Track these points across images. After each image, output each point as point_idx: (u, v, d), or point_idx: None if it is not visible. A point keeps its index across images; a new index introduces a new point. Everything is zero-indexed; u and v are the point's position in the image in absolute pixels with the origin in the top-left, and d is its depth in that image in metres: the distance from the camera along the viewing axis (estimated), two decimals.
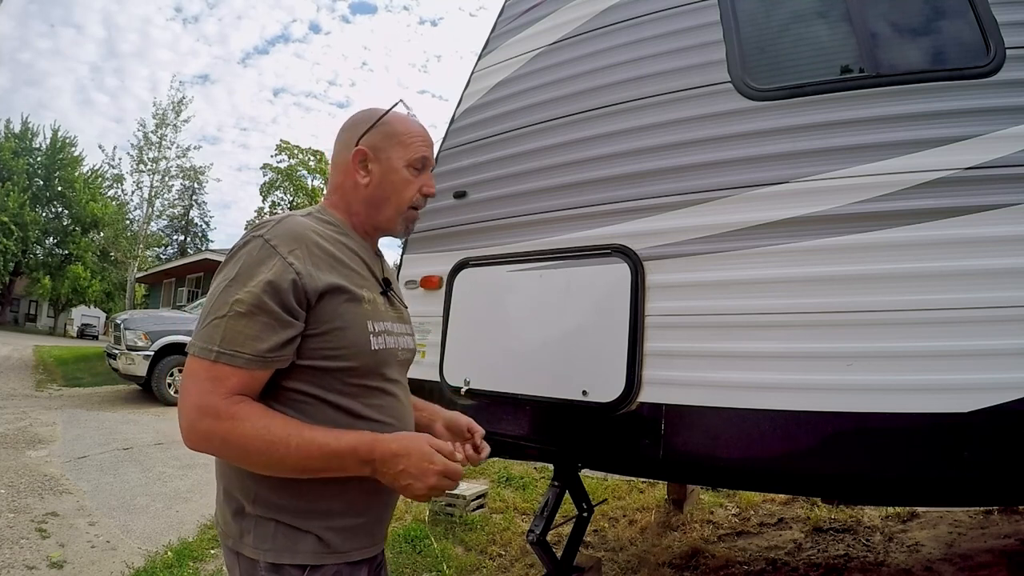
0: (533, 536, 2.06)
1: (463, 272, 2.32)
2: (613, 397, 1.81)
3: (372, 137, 1.12)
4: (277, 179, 41.33)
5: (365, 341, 1.02)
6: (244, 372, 0.91)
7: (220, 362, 0.90)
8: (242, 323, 0.90)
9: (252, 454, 0.90)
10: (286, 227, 1.00)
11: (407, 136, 1.13)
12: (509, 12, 2.53)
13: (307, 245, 0.99)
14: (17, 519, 3.61)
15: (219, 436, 0.89)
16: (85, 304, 36.56)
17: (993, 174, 1.48)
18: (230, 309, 0.91)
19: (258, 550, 0.96)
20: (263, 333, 0.91)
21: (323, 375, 0.99)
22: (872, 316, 1.53)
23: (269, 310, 0.91)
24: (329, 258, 1.01)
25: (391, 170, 1.12)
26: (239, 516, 0.99)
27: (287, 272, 0.94)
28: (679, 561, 3.12)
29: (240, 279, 0.93)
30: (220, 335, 0.90)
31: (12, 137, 32.78)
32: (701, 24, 1.97)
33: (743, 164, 1.77)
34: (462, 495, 3.84)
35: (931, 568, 2.79)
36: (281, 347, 0.93)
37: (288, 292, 0.93)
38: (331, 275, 0.99)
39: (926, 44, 1.74)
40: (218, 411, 0.89)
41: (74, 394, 9.18)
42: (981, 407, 1.39)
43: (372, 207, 1.13)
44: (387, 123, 1.13)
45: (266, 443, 0.89)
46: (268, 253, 0.95)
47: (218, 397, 0.89)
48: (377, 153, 1.12)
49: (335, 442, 0.92)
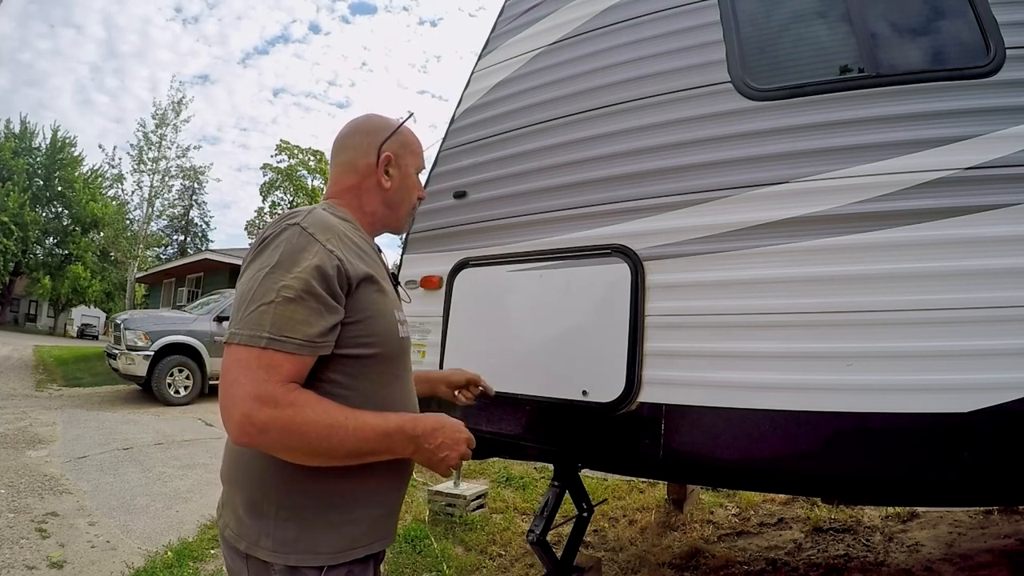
0: (533, 536, 2.06)
1: (463, 272, 2.32)
2: (613, 397, 1.81)
3: (393, 143, 1.20)
4: (277, 179, 41.34)
5: (394, 329, 1.07)
6: (296, 358, 0.90)
7: (272, 348, 0.88)
8: (291, 308, 0.90)
9: (313, 440, 0.90)
10: (318, 217, 1.02)
11: (417, 146, 1.27)
12: (509, 12, 2.53)
13: (339, 235, 1.02)
14: (17, 519, 3.61)
15: (279, 425, 0.87)
16: (85, 304, 36.55)
17: (993, 174, 1.48)
18: (277, 295, 0.90)
19: (276, 553, 0.95)
20: (312, 318, 0.91)
21: (355, 363, 1.01)
22: (872, 316, 1.53)
23: (317, 294, 0.92)
24: (356, 248, 1.05)
25: (407, 175, 1.24)
26: (258, 518, 0.98)
27: (331, 258, 0.95)
28: (679, 561, 3.12)
29: (283, 265, 0.93)
30: (269, 321, 0.89)
31: (12, 137, 32.78)
32: (701, 24, 1.97)
33: (743, 164, 1.77)
34: (462, 495, 3.84)
35: (931, 568, 2.79)
36: (328, 332, 0.94)
37: (333, 278, 0.94)
38: (362, 264, 1.02)
39: (926, 44, 1.74)
40: (277, 399, 0.87)
41: (74, 394, 9.18)
42: (981, 407, 1.39)
43: (390, 208, 1.22)
44: (404, 134, 1.24)
45: (327, 427, 0.90)
46: (308, 240, 0.96)
47: (275, 385, 0.88)
48: (398, 159, 1.21)
49: (385, 422, 0.97)
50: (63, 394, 9.09)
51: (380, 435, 0.96)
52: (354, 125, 1.24)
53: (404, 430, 1.00)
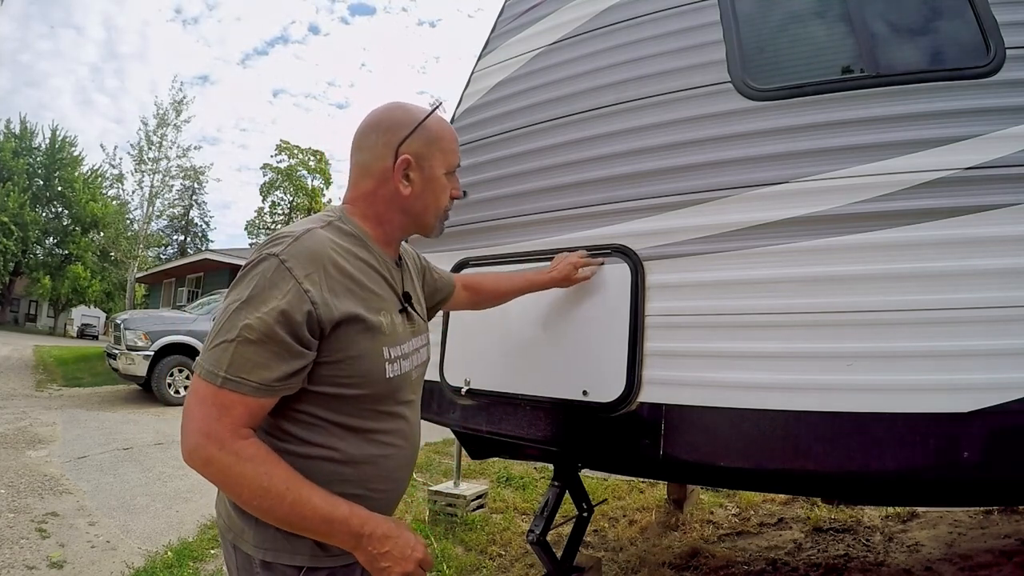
0: (533, 536, 2.06)
1: (463, 272, 2.32)
2: (613, 397, 1.81)
3: (413, 143, 1.06)
4: (277, 179, 41.36)
5: (380, 370, 1.00)
6: (251, 400, 0.88)
7: (226, 388, 0.87)
8: (251, 350, 0.87)
9: (244, 494, 0.89)
10: (304, 246, 0.94)
11: (447, 142, 1.11)
12: (509, 12, 2.53)
13: (324, 267, 0.94)
14: (17, 519, 3.61)
15: (218, 467, 0.87)
16: (85, 304, 36.54)
17: (993, 174, 1.48)
18: (239, 334, 0.87)
19: (258, 548, 0.97)
20: (271, 362, 0.88)
21: (335, 400, 0.97)
22: (872, 316, 1.52)
23: (280, 340, 0.88)
24: (347, 280, 0.97)
25: (432, 178, 1.10)
26: (242, 512, 0.98)
27: (302, 302, 0.89)
28: (679, 561, 3.12)
29: (252, 303, 0.89)
30: (228, 360, 0.87)
31: (12, 137, 32.77)
32: (701, 24, 1.97)
33: (743, 164, 1.77)
34: (462, 495, 3.84)
35: (931, 568, 2.79)
36: (289, 377, 0.91)
37: (302, 324, 0.89)
38: (348, 302, 0.95)
39: (926, 44, 1.74)
40: (223, 442, 0.86)
41: (74, 394, 9.18)
42: (981, 407, 1.39)
43: (410, 215, 1.10)
44: (426, 128, 1.08)
45: (262, 489, 0.87)
46: (282, 276, 0.90)
47: (224, 428, 0.87)
48: (419, 161, 1.07)
49: (331, 509, 0.91)
50: (63, 394, 9.10)
51: (320, 519, 0.90)
52: (371, 120, 1.09)
53: (348, 525, 0.92)
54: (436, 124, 1.10)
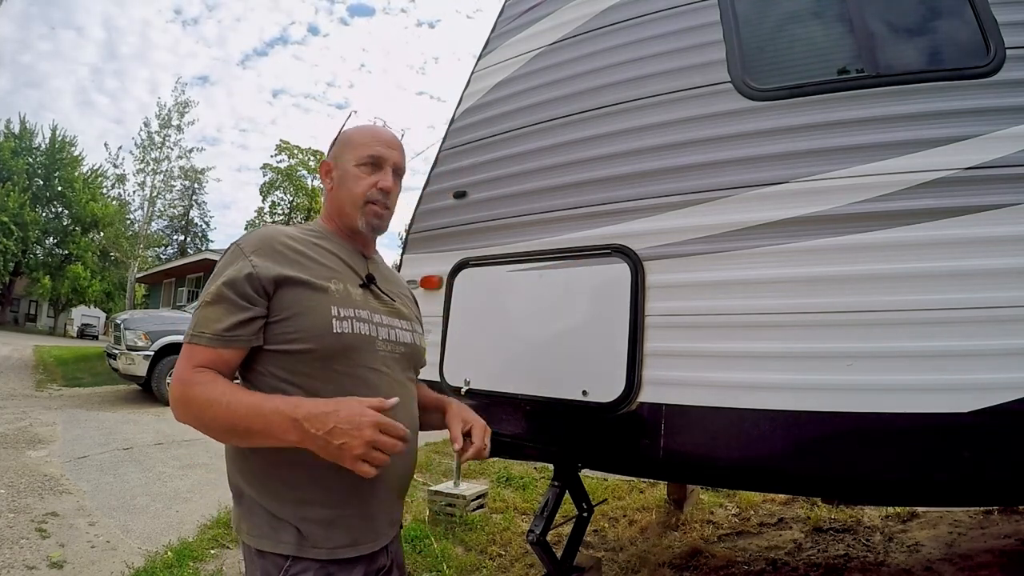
0: (533, 536, 2.06)
1: (463, 272, 2.32)
2: (613, 397, 1.81)
3: (334, 149, 1.30)
4: (277, 179, 41.34)
5: (326, 324, 1.10)
6: (209, 350, 1.05)
7: (191, 343, 1.07)
8: (208, 310, 1.07)
9: (199, 414, 1.02)
10: (258, 234, 1.16)
11: (357, 139, 1.27)
12: (509, 12, 2.53)
13: (271, 245, 1.13)
14: (17, 519, 3.61)
15: (182, 400, 1.04)
16: (85, 304, 36.53)
17: (993, 174, 1.48)
18: (201, 301, 1.10)
19: (250, 536, 1.07)
20: (221, 316, 1.06)
21: (288, 358, 1.09)
22: (872, 316, 1.53)
23: (226, 297, 1.07)
24: (293, 253, 1.14)
25: (345, 172, 1.26)
26: (238, 502, 1.12)
27: (245, 267, 1.09)
28: (679, 561, 3.12)
29: (213, 278, 1.11)
30: (195, 322, 1.08)
31: (12, 137, 32.76)
32: (701, 24, 1.97)
33: (743, 164, 1.77)
34: (462, 495, 3.84)
35: (931, 568, 2.79)
36: (237, 327, 1.06)
37: (244, 282, 1.07)
38: (289, 268, 1.11)
39: (926, 44, 1.74)
40: (182, 378, 1.04)
41: (74, 394, 9.18)
42: (981, 407, 1.39)
43: (337, 209, 1.27)
44: (344, 134, 1.30)
45: (207, 401, 1.00)
46: (236, 255, 1.12)
47: (186, 368, 1.05)
48: (337, 161, 1.28)
49: (261, 401, 1.00)
50: (63, 394, 9.09)
51: (254, 413, 0.98)
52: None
53: (281, 412, 0.96)
54: (354, 129, 1.31)
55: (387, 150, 1.26)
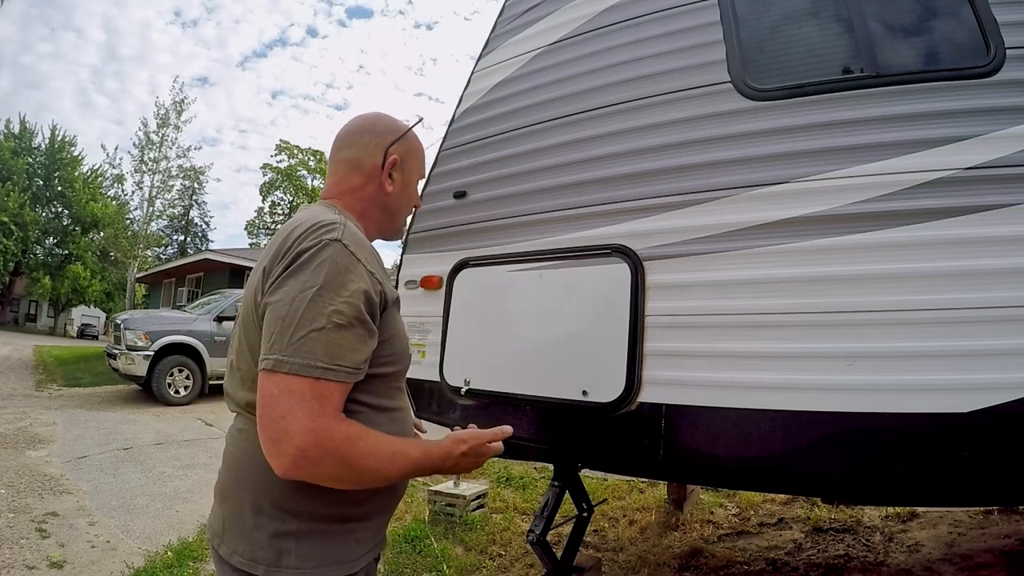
0: (533, 536, 2.06)
1: (463, 272, 2.32)
2: (613, 397, 1.81)
3: (399, 147, 1.16)
4: (277, 179, 41.35)
5: (407, 347, 1.08)
6: (344, 386, 0.90)
7: (325, 379, 0.86)
8: (342, 336, 0.87)
9: (367, 473, 0.90)
10: (353, 233, 0.98)
11: (421, 153, 1.23)
12: (509, 12, 2.53)
13: (372, 252, 1.00)
14: (17, 519, 3.61)
15: (335, 457, 0.85)
16: (85, 304, 36.55)
17: (993, 174, 1.48)
18: (328, 320, 0.87)
19: (299, 570, 0.92)
20: (359, 344, 0.90)
21: (378, 382, 1.00)
22: (872, 316, 1.52)
23: (365, 321, 0.91)
24: (380, 267, 1.02)
25: (409, 182, 1.20)
26: (277, 536, 0.93)
27: (374, 283, 0.94)
28: (679, 561, 3.12)
29: (331, 287, 0.88)
30: (323, 349, 0.86)
31: (11, 137, 32.76)
32: (701, 24, 1.97)
33: (743, 164, 1.77)
34: (462, 495, 3.84)
35: (931, 568, 2.79)
36: (368, 358, 0.94)
37: (377, 304, 0.94)
38: (391, 284, 1.02)
39: (926, 44, 1.74)
40: (332, 432, 0.85)
41: (74, 394, 9.18)
42: (981, 407, 1.39)
43: (388, 214, 1.18)
44: (409, 138, 1.19)
45: (385, 460, 0.91)
46: (352, 260, 0.92)
47: (329, 417, 0.86)
48: (402, 164, 1.17)
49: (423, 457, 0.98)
50: (63, 394, 9.09)
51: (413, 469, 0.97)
52: (362, 122, 1.17)
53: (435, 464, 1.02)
54: (414, 136, 1.22)
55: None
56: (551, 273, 2.06)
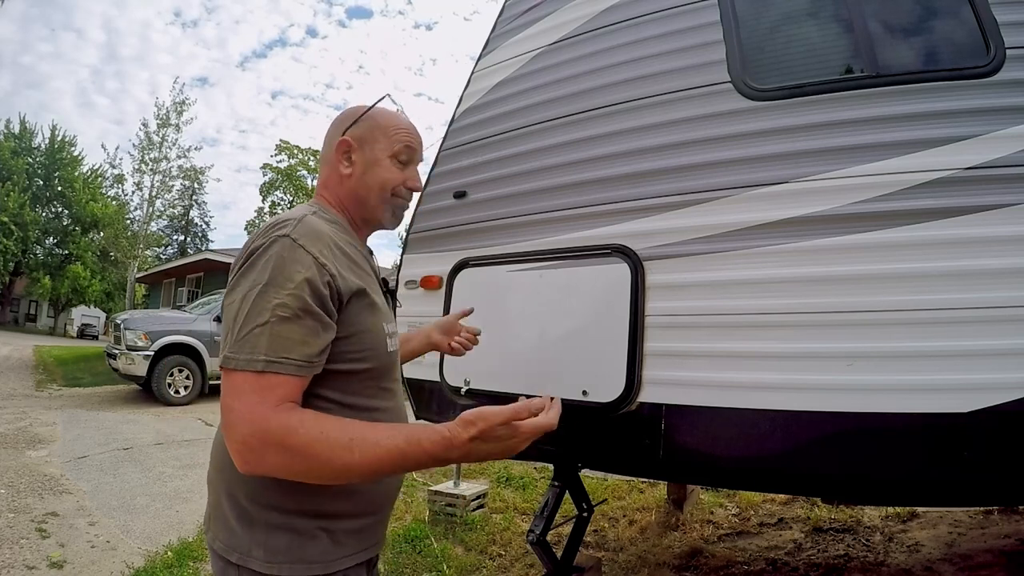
0: (533, 536, 2.06)
1: (463, 272, 2.32)
2: (613, 397, 1.81)
3: (357, 129, 1.11)
4: (277, 179, 41.35)
5: (383, 343, 1.03)
6: (294, 380, 0.87)
7: (269, 372, 0.85)
8: (288, 328, 0.86)
9: (313, 465, 0.85)
10: (308, 226, 0.96)
11: (391, 128, 1.12)
12: (509, 12, 2.53)
13: (329, 245, 0.96)
14: (17, 519, 3.61)
15: (275, 449, 0.83)
16: (85, 304, 36.55)
17: (993, 174, 1.48)
18: (272, 314, 0.86)
19: (269, 563, 0.93)
20: (309, 337, 0.88)
21: (345, 379, 0.98)
22: (872, 316, 1.53)
23: (314, 312, 0.89)
24: (346, 259, 0.99)
25: (374, 161, 1.10)
26: (249, 527, 0.94)
27: (323, 273, 0.91)
28: (679, 561, 3.12)
29: (276, 282, 0.88)
30: (266, 343, 0.85)
31: (11, 137, 32.77)
32: (701, 24, 1.97)
33: (743, 164, 1.77)
34: (462, 495, 3.84)
35: (931, 568, 2.79)
36: (323, 351, 0.91)
37: (327, 296, 0.91)
38: (353, 277, 0.98)
39: (926, 44, 1.74)
40: (269, 423, 0.83)
41: (74, 394, 9.18)
42: (981, 407, 1.39)
43: (357, 200, 1.12)
44: (372, 117, 1.13)
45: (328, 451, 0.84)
46: (299, 253, 0.91)
47: (268, 408, 0.84)
48: (361, 144, 1.11)
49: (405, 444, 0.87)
50: (63, 394, 9.10)
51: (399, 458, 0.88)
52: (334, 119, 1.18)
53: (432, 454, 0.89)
54: (382, 113, 1.14)
55: (419, 146, 1.15)
56: (551, 273, 2.06)
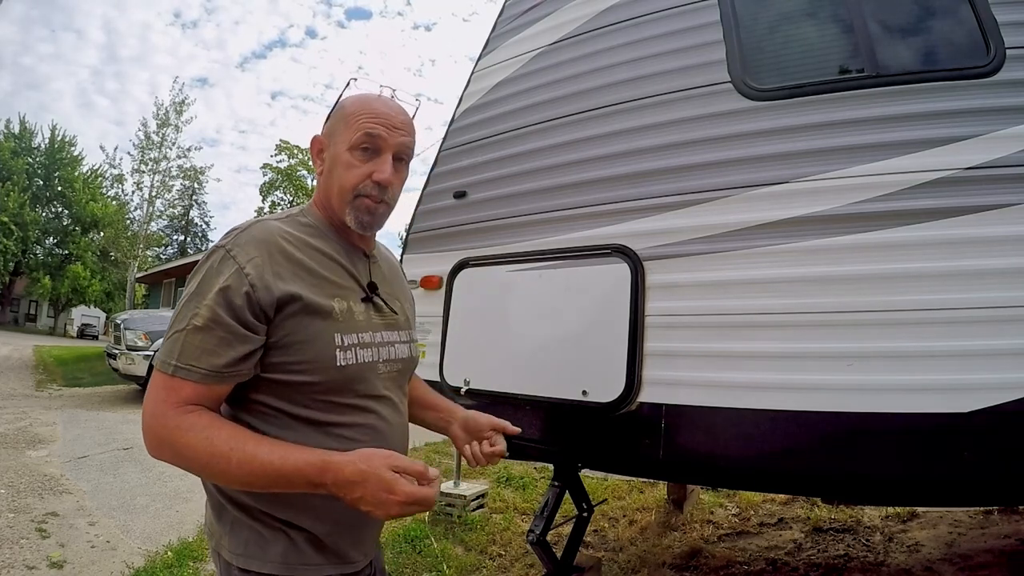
0: (533, 536, 2.06)
1: (463, 272, 2.32)
2: (613, 397, 1.81)
3: (329, 123, 1.06)
4: (277, 179, 41.33)
5: (330, 356, 0.95)
6: (200, 387, 0.89)
7: (177, 376, 0.88)
8: (199, 337, 0.88)
9: (196, 465, 0.89)
10: (250, 234, 0.95)
11: (352, 117, 1.02)
12: (509, 12, 2.53)
13: (270, 252, 0.94)
14: (17, 519, 3.61)
15: (167, 444, 0.89)
16: (85, 304, 36.52)
17: (993, 174, 1.48)
18: (187, 323, 0.89)
19: (233, 554, 0.96)
20: (219, 348, 0.88)
21: (288, 389, 0.95)
22: (872, 316, 1.53)
23: (224, 323, 0.89)
24: (293, 265, 0.96)
25: (335, 156, 1.03)
26: (221, 517, 0.99)
27: (241, 284, 0.90)
28: (679, 561, 3.12)
29: (200, 292, 0.91)
30: (179, 349, 0.89)
31: (12, 137, 32.78)
32: (701, 24, 1.97)
33: (743, 164, 1.77)
34: (462, 495, 3.84)
35: (931, 568, 2.79)
36: (239, 362, 0.90)
37: (243, 307, 0.89)
38: (292, 284, 0.94)
39: (926, 44, 1.74)
40: (166, 419, 0.88)
41: (74, 394, 9.18)
42: (981, 407, 1.39)
43: (327, 198, 1.06)
44: (341, 106, 1.05)
45: (207, 455, 0.87)
46: (226, 264, 0.92)
47: (169, 406, 0.88)
48: (330, 139, 1.05)
49: (280, 462, 0.86)
50: (63, 394, 9.09)
51: (271, 474, 0.86)
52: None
53: (305, 474, 0.86)
54: (352, 100, 1.06)
55: (388, 131, 1.01)
56: (551, 273, 2.06)
